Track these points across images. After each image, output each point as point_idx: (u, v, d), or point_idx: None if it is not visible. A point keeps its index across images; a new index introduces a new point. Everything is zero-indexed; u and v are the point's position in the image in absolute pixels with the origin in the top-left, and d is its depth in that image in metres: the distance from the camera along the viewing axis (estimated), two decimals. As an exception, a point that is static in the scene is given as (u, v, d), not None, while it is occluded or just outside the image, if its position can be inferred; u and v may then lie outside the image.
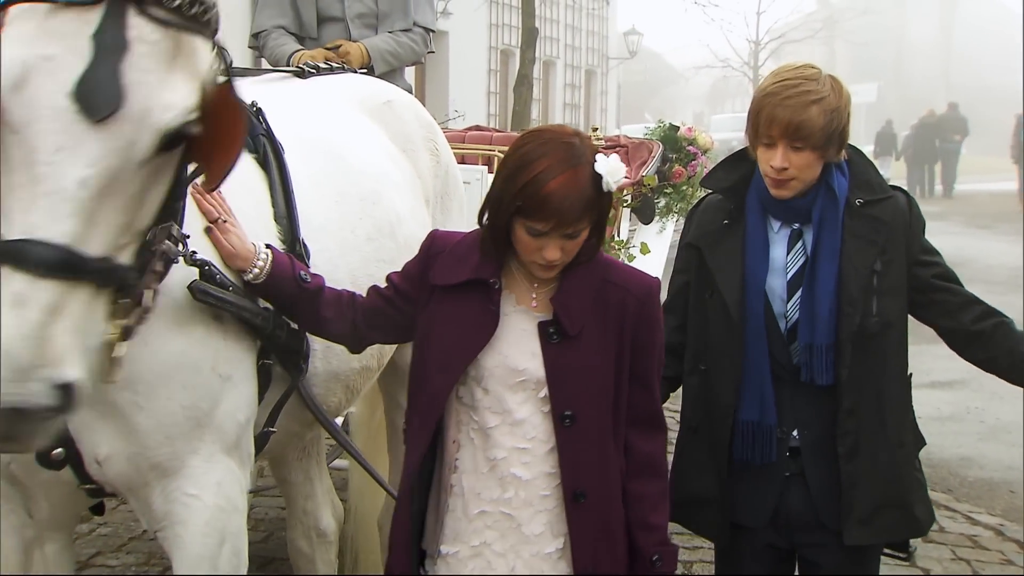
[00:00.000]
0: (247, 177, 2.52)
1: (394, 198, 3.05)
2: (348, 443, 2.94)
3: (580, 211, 2.29)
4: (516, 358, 2.38)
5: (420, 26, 5.00)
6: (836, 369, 2.72)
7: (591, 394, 2.39)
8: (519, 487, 2.40)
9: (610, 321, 2.41)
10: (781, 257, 2.79)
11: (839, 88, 2.70)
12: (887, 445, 2.77)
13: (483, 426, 2.41)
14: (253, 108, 2.67)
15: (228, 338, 2.34)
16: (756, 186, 2.82)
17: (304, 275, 2.48)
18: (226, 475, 2.34)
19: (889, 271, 2.76)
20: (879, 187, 2.84)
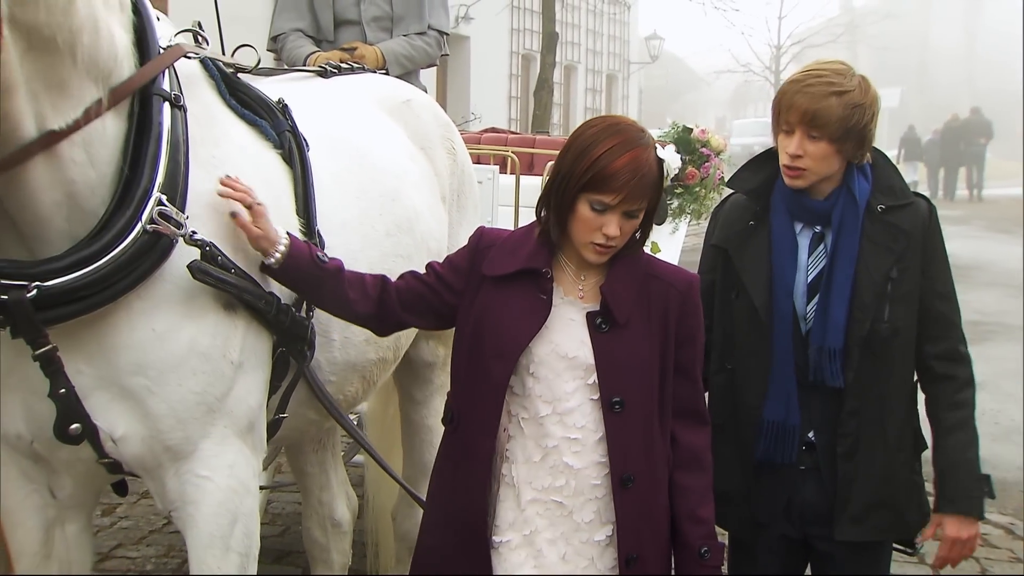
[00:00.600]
0: (270, 172, 2.60)
1: (412, 195, 3.12)
2: (356, 432, 2.99)
3: (645, 188, 2.40)
4: (566, 345, 2.46)
5: (435, 29, 5.09)
6: (844, 372, 2.77)
7: (638, 382, 2.47)
8: (570, 476, 2.47)
9: (654, 313, 2.50)
10: (803, 259, 2.82)
11: (867, 87, 2.73)
12: (885, 448, 2.80)
13: (534, 415, 2.47)
14: (279, 105, 2.76)
15: (239, 326, 2.40)
16: (780, 187, 2.85)
17: (322, 257, 2.54)
18: (238, 458, 2.40)
19: (904, 278, 2.78)
20: (901, 192, 2.85)
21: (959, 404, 2.84)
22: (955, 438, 2.81)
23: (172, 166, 2.29)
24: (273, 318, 2.47)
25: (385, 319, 2.64)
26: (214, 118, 2.53)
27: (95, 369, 2.26)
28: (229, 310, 2.38)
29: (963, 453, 2.82)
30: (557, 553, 2.47)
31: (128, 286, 2.22)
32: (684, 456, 2.56)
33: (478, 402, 2.50)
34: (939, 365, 2.84)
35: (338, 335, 2.79)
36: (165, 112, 2.30)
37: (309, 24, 4.94)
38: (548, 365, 2.47)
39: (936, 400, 2.84)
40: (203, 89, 2.57)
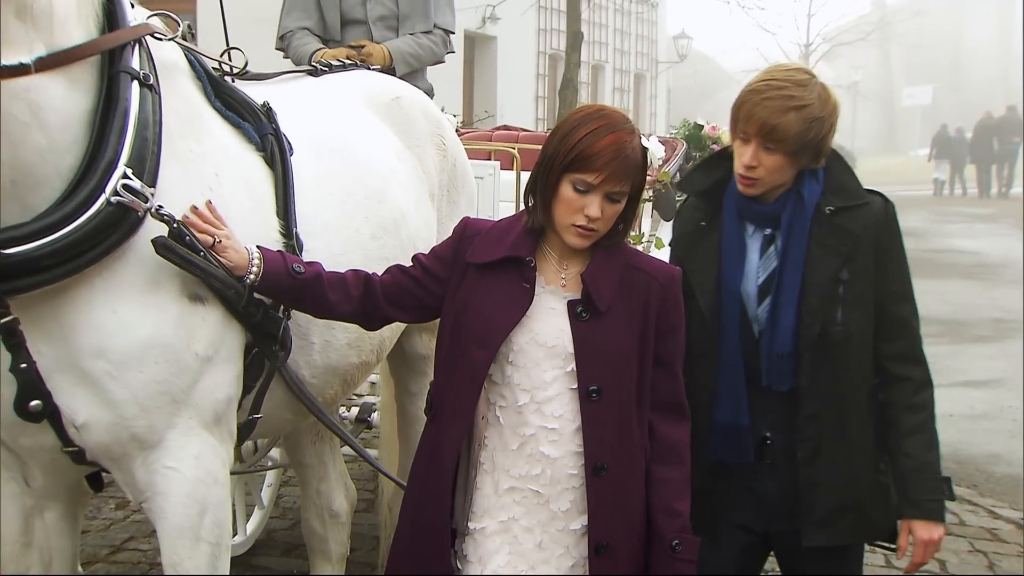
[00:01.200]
0: (251, 174, 2.64)
1: (399, 196, 3.15)
2: (339, 429, 3.04)
3: (627, 170, 2.43)
4: (546, 334, 2.49)
5: (440, 28, 5.14)
6: (795, 377, 2.78)
7: (616, 371, 2.49)
8: (547, 465, 2.50)
9: (635, 304, 2.52)
10: (754, 261, 2.83)
11: (827, 98, 2.72)
12: (847, 452, 2.80)
13: (512, 404, 2.50)
14: (264, 108, 2.79)
15: (208, 320, 2.42)
16: (733, 189, 2.85)
17: (297, 267, 2.55)
18: (204, 448, 2.42)
19: (856, 280, 2.78)
20: (854, 193, 2.84)
21: (917, 406, 2.83)
22: (916, 441, 2.81)
23: (140, 143, 2.30)
24: (243, 310, 2.48)
25: (372, 315, 2.66)
26: (198, 116, 2.56)
27: (54, 349, 2.26)
28: (196, 302, 2.39)
29: (925, 456, 2.81)
30: (533, 541, 2.50)
31: (94, 258, 2.22)
32: (662, 448, 2.57)
33: (456, 389, 2.53)
34: (894, 366, 2.83)
35: (318, 338, 2.81)
36: (133, 90, 2.32)
37: (316, 23, 5.01)
38: (527, 354, 2.50)
39: (894, 402, 2.84)
40: (188, 86, 2.60)
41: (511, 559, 2.49)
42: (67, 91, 2.23)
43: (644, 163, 2.48)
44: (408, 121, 3.42)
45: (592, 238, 2.49)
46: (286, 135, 2.80)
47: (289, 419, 2.96)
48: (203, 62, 2.73)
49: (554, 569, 2.51)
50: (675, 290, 2.59)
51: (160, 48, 2.52)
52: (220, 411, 2.47)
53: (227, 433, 2.52)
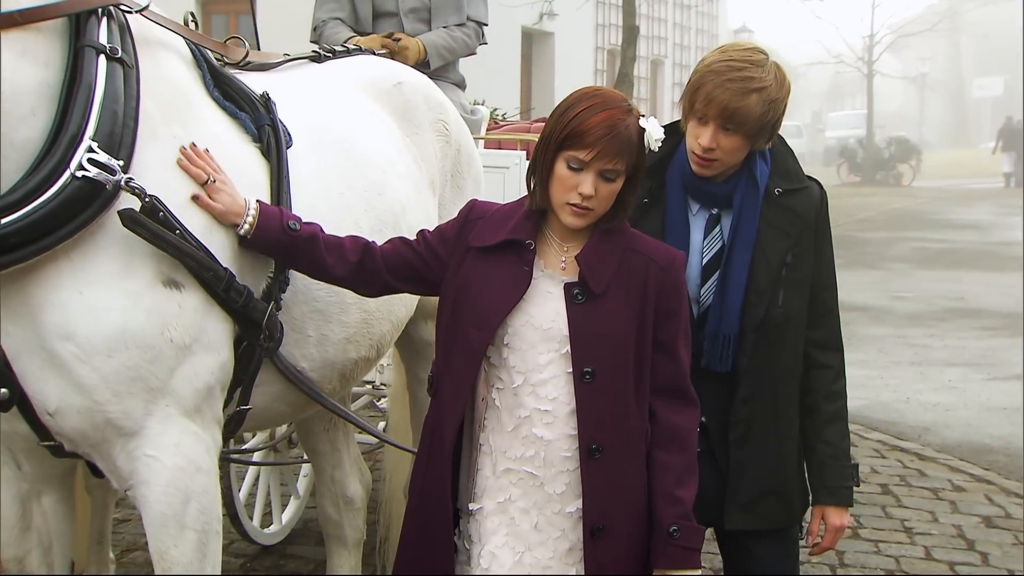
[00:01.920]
0: (242, 165, 2.61)
1: (398, 188, 3.12)
2: (348, 414, 3.04)
3: (621, 147, 2.40)
4: (541, 317, 2.48)
5: (473, 20, 5.13)
6: (736, 358, 2.76)
7: (612, 354, 2.47)
8: (540, 447, 2.48)
9: (633, 287, 2.50)
10: (697, 241, 2.79)
11: (782, 79, 2.68)
12: (777, 436, 2.80)
13: (508, 386, 2.49)
14: (263, 98, 2.77)
15: (186, 306, 2.37)
16: (678, 164, 2.81)
17: (293, 224, 2.55)
18: (184, 436, 2.38)
19: (798, 263, 2.77)
20: (796, 176, 2.83)
21: (835, 395, 2.86)
22: (834, 429, 2.84)
23: (108, 117, 2.25)
24: (223, 294, 2.43)
25: (370, 282, 2.66)
26: (187, 102, 2.54)
27: (21, 330, 2.23)
28: (172, 288, 2.35)
29: (841, 444, 2.85)
30: (529, 522, 2.49)
31: (64, 235, 2.19)
32: (664, 434, 2.55)
33: (454, 369, 2.53)
34: (816, 352, 2.84)
35: (314, 332, 2.78)
36: (100, 65, 2.29)
37: (348, 15, 5.02)
38: (523, 337, 2.49)
39: (814, 389, 2.84)
40: (179, 72, 2.59)
41: (508, 539, 2.49)
42: (17, 60, 2.19)
43: (641, 143, 2.45)
44: (409, 107, 3.39)
45: (587, 217, 2.46)
46: (285, 126, 2.79)
47: (285, 412, 2.94)
48: (205, 51, 2.74)
49: (551, 551, 2.50)
50: (675, 273, 2.56)
51: (148, 29, 2.51)
52: (200, 399, 2.44)
53: (211, 421, 2.49)
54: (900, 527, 5.32)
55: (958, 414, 7.58)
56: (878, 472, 6.17)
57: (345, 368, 2.94)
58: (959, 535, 5.22)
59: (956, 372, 8.78)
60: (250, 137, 2.68)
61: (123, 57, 2.34)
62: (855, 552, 4.98)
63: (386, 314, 2.97)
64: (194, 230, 2.39)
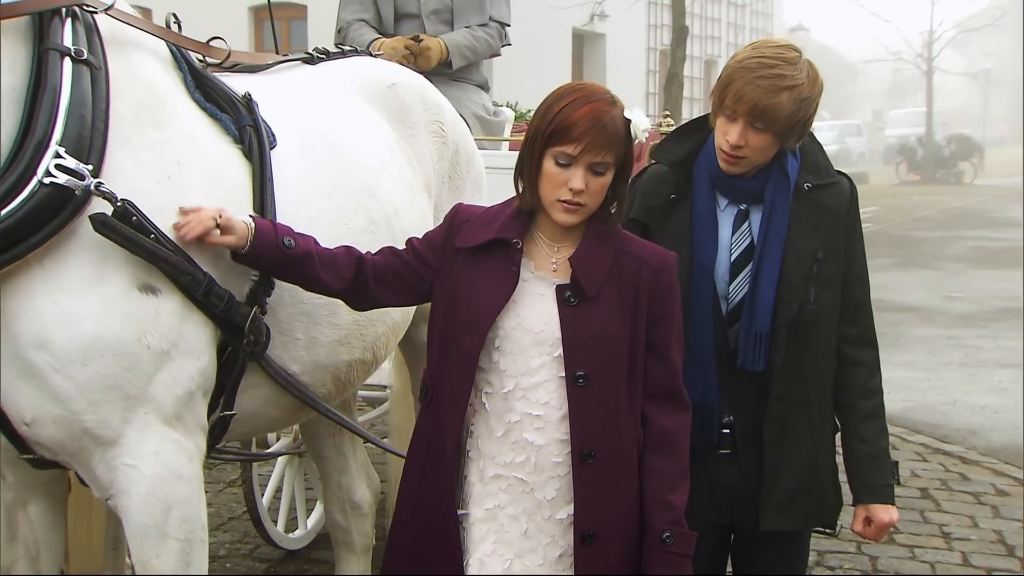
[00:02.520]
0: (221, 166, 2.57)
1: (390, 190, 3.07)
2: (343, 419, 3.00)
3: (608, 140, 2.36)
4: (532, 320, 2.44)
5: (496, 21, 5.11)
6: (770, 355, 2.72)
7: (605, 357, 2.43)
8: (531, 452, 2.44)
9: (625, 289, 2.46)
10: (726, 237, 2.75)
11: (814, 77, 2.64)
12: (812, 434, 2.77)
13: (499, 390, 2.45)
14: (244, 99, 2.73)
15: (161, 312, 2.32)
16: (706, 159, 2.76)
17: (288, 241, 2.51)
18: (163, 444, 2.35)
19: (829, 260, 2.74)
20: (826, 171, 2.78)
21: (872, 391, 2.82)
22: (871, 426, 2.81)
23: (75, 121, 2.22)
24: (202, 299, 2.39)
25: (361, 296, 2.63)
26: (160, 103, 2.50)
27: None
28: (148, 293, 2.30)
29: (879, 442, 2.81)
30: (519, 529, 2.45)
31: (36, 243, 2.16)
32: (656, 439, 2.50)
33: (449, 376, 2.49)
34: (850, 349, 2.80)
35: (302, 334, 2.73)
36: (66, 68, 2.26)
37: (372, 16, 5.03)
38: (514, 340, 2.45)
39: (849, 386, 2.81)
40: (154, 73, 2.56)
41: (496, 547, 2.45)
42: None
43: (628, 135, 2.41)
44: (403, 109, 3.34)
45: (580, 213, 2.42)
46: (269, 127, 2.76)
47: (278, 417, 2.89)
48: (186, 53, 2.71)
49: (541, 558, 2.45)
50: (668, 275, 2.52)
51: (120, 31, 2.49)
52: (180, 406, 2.40)
53: (194, 427, 2.46)
54: (938, 532, 5.21)
55: (1006, 416, 7.41)
56: (918, 476, 6.04)
57: (338, 371, 2.89)
58: (999, 540, 5.10)
59: (1007, 374, 8.59)
60: (231, 138, 2.64)
61: (90, 59, 2.31)
62: (889, 558, 4.88)
63: (380, 316, 2.93)
64: (170, 234, 2.36)
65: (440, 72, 4.87)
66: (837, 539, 4.75)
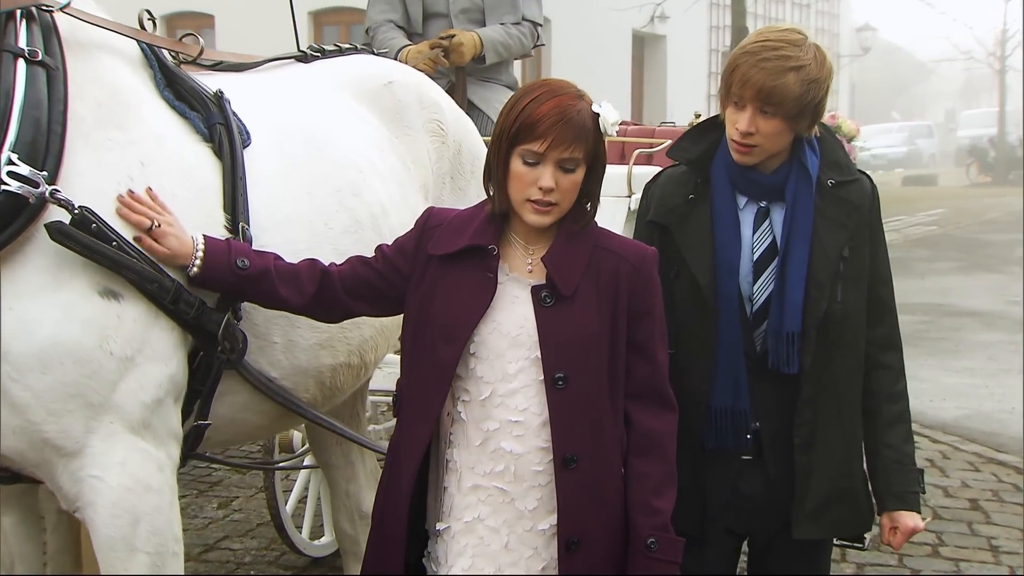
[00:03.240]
0: (189, 165, 2.51)
1: (378, 189, 2.99)
2: (332, 423, 2.93)
3: (575, 135, 2.29)
4: (508, 324, 2.36)
5: (528, 20, 5.02)
6: (801, 356, 2.63)
7: (585, 357, 2.35)
8: (510, 461, 2.36)
9: (603, 286, 2.38)
10: (747, 236, 2.67)
11: (822, 59, 2.57)
12: (843, 438, 2.68)
13: (476, 398, 2.38)
14: (215, 97, 2.67)
15: (125, 316, 2.26)
16: (723, 158, 2.69)
17: (242, 262, 2.43)
18: (130, 454, 2.28)
19: (855, 258, 2.67)
20: (847, 168, 2.72)
21: (897, 396, 2.74)
22: (897, 432, 2.73)
23: (29, 126, 2.17)
24: (171, 306, 2.33)
25: (330, 309, 2.55)
26: (123, 102, 2.44)
27: None
28: (109, 298, 2.24)
29: (904, 448, 2.74)
30: (499, 541, 2.36)
31: None
32: (640, 441, 2.41)
33: (419, 386, 2.42)
34: (876, 352, 2.72)
35: (280, 338, 2.65)
36: (19, 70, 2.21)
37: (400, 16, 4.97)
38: (490, 346, 2.37)
39: (874, 391, 2.73)
40: (117, 72, 2.49)
41: (475, 561, 2.36)
42: None
43: (597, 128, 2.33)
44: (398, 108, 3.26)
45: (551, 213, 2.34)
46: (243, 125, 2.69)
47: (259, 423, 2.81)
48: (158, 51, 2.65)
49: (523, 571, 2.36)
50: (647, 270, 2.43)
51: (81, 31, 2.43)
52: (147, 414, 2.33)
53: (165, 436, 2.38)
54: (986, 545, 5.02)
55: (1067, 425, 7.14)
56: (969, 486, 5.84)
57: (321, 376, 2.81)
58: (1050, 555, 4.89)
59: (1071, 381, 8.27)
60: (201, 137, 2.57)
61: (46, 60, 2.26)
62: (932, 571, 4.71)
63: (367, 319, 2.83)
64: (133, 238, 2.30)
65: (470, 70, 4.80)
66: (879, 551, 4.64)
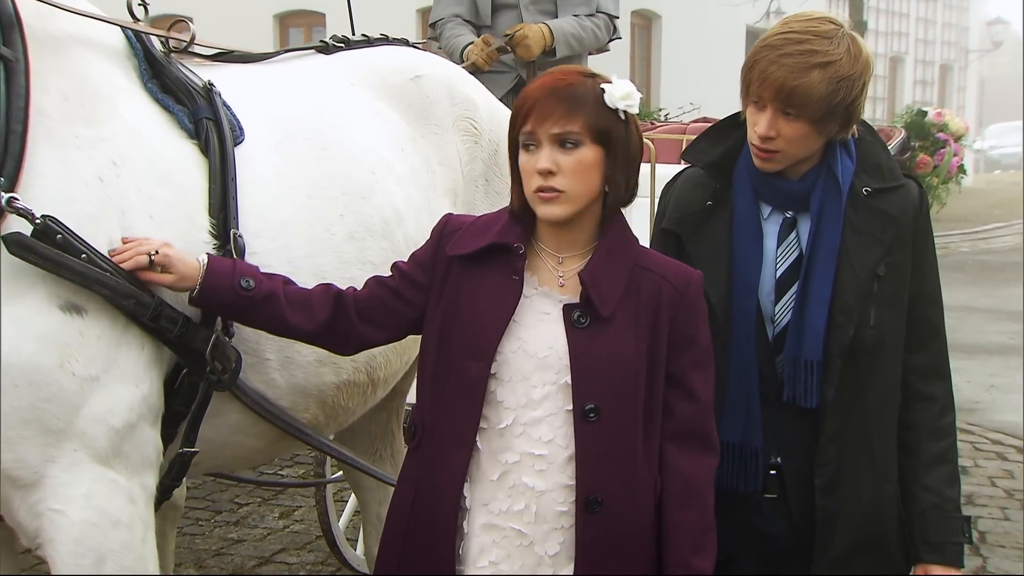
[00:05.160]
0: (171, 164, 2.30)
1: (394, 192, 2.74)
2: (330, 446, 2.70)
3: (567, 105, 2.06)
4: (536, 343, 2.11)
5: (604, 12, 4.76)
6: (822, 389, 2.32)
7: (619, 388, 2.09)
8: (531, 499, 2.10)
9: (643, 309, 2.12)
10: (771, 249, 2.38)
11: (857, 52, 2.25)
12: (872, 480, 2.38)
13: (494, 425, 2.12)
14: (205, 89, 2.47)
15: (89, 333, 2.06)
16: (746, 161, 2.40)
17: (246, 283, 2.20)
18: (96, 486, 2.07)
19: (892, 276, 2.35)
20: (889, 173, 2.39)
21: (941, 432, 2.42)
22: (938, 473, 2.41)
23: None
24: (152, 324, 2.12)
25: (345, 339, 2.30)
26: (95, 96, 2.23)
27: None
28: (71, 313, 2.03)
29: (946, 492, 2.42)
30: None
31: None
32: (678, 488, 2.13)
33: (450, 410, 2.15)
34: (919, 381, 2.41)
35: (275, 355, 2.43)
36: None
37: (467, 9, 4.76)
38: (513, 366, 2.11)
39: (915, 424, 2.42)
40: (94, 64, 2.29)
41: None
42: None
43: (602, 103, 2.07)
44: (427, 104, 3.00)
45: (559, 202, 2.07)
46: (237, 120, 2.48)
47: (256, 447, 2.58)
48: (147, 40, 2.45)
49: None
50: (693, 295, 2.15)
51: (51, 20, 2.23)
52: (118, 439, 2.11)
53: (138, 464, 2.16)
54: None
55: None
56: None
57: (323, 395, 2.57)
58: None
59: None
60: (186, 133, 2.36)
61: (2, 51, 2.06)
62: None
63: None
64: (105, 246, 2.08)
65: (540, 64, 4.54)
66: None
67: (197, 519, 5.25)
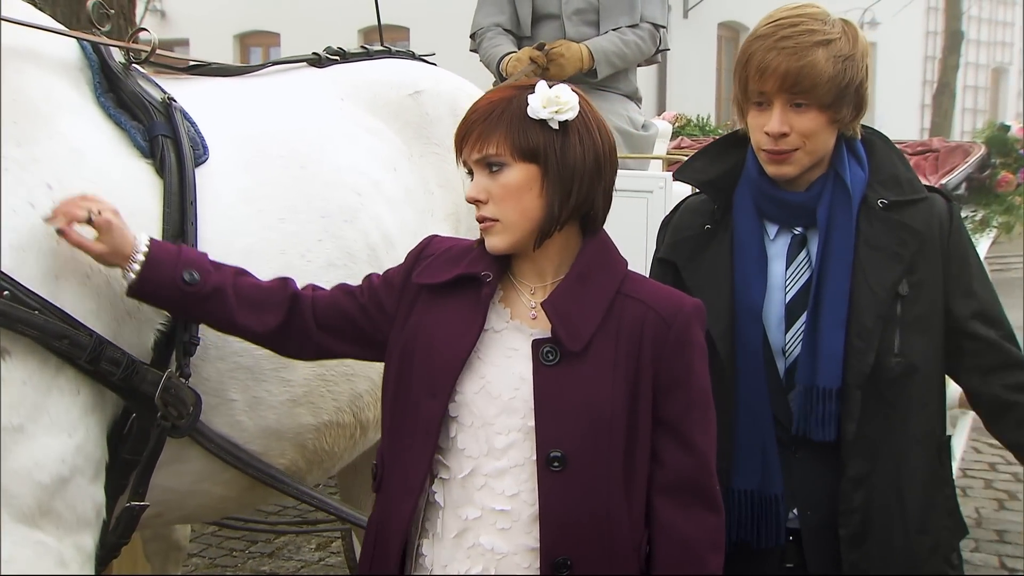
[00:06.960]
0: (118, 185, 2.10)
1: (382, 216, 2.53)
2: (314, 496, 2.46)
3: (483, 128, 1.88)
4: (500, 383, 1.89)
5: (648, 22, 4.47)
6: (841, 423, 2.05)
7: (591, 435, 1.84)
8: (490, 562, 1.86)
9: (623, 343, 1.87)
10: (779, 273, 2.16)
11: (852, 33, 2.09)
12: (905, 530, 2.12)
13: (455, 475, 1.90)
14: (163, 104, 2.28)
15: (13, 377, 1.85)
16: (747, 180, 2.17)
17: (190, 276, 1.99)
18: (20, 550, 1.85)
19: (919, 297, 2.11)
20: (909, 185, 2.15)
21: None
22: None
23: None
24: (88, 365, 1.93)
25: (301, 344, 2.09)
26: (33, 114, 2.04)
27: None
28: None
29: None
30: None
31: None
32: (671, 551, 1.86)
33: (405, 454, 1.93)
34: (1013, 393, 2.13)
35: (240, 394, 2.22)
36: None
37: (508, 18, 4.53)
38: (476, 409, 1.88)
39: None
40: (34, 79, 2.10)
41: None
42: None
43: (528, 119, 1.86)
44: (424, 122, 2.77)
45: (495, 230, 1.89)
46: (200, 137, 2.27)
47: (227, 496, 2.35)
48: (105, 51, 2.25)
49: None
50: (681, 326, 1.88)
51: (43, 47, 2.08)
52: (45, 496, 1.90)
53: (73, 523, 1.95)
54: None
55: None
56: None
57: (302, 438, 2.36)
58: None
59: None
60: (139, 152, 2.17)
61: None
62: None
63: (362, 368, 2.39)
64: (34, 280, 1.87)
65: (582, 80, 4.27)
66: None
67: (231, 550, 5.08)
